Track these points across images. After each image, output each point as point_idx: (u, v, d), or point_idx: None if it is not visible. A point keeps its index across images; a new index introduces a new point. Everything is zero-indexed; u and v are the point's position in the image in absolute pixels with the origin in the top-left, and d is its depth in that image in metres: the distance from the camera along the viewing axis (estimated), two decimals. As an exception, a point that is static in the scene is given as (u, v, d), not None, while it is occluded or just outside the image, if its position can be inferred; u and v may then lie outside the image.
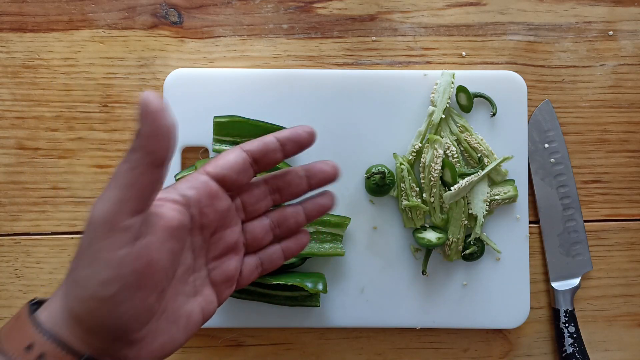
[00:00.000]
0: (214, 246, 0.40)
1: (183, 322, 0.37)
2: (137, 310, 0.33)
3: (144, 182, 0.32)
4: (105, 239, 0.31)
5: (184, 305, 0.37)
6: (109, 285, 0.31)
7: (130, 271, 0.32)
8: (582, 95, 0.58)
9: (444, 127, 0.55)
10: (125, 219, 0.32)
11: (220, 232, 0.40)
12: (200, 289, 0.39)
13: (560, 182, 0.57)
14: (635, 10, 0.58)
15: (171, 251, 0.35)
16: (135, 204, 0.32)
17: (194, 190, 0.37)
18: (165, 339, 0.36)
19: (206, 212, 0.38)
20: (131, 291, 0.32)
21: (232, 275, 0.41)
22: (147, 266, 0.33)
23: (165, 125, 0.31)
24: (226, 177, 0.39)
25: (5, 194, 0.56)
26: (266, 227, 0.43)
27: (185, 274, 0.38)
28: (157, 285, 0.34)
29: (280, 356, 0.57)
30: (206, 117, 0.55)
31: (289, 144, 0.41)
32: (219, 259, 0.40)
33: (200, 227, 0.38)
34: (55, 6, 0.57)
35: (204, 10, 0.57)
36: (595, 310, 0.58)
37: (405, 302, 0.55)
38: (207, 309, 0.39)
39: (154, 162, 0.32)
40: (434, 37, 0.58)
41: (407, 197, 0.54)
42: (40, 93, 0.57)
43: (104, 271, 0.31)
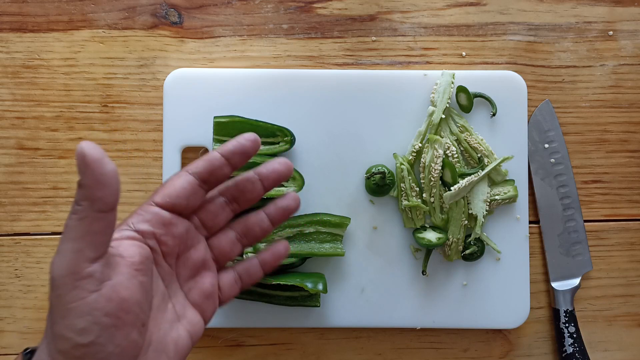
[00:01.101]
0: (183, 268, 0.40)
1: (172, 349, 0.37)
2: (122, 348, 0.33)
3: (95, 229, 0.32)
4: (72, 291, 0.32)
5: (169, 332, 0.38)
6: (86, 332, 0.32)
7: (104, 314, 0.32)
8: (582, 95, 0.58)
9: (444, 127, 0.55)
10: (86, 267, 0.32)
11: (185, 254, 0.40)
12: (182, 312, 0.39)
13: (560, 182, 0.57)
14: (635, 10, 0.58)
15: (140, 285, 0.35)
16: (91, 251, 0.32)
17: (146, 224, 0.38)
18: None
19: (164, 241, 0.38)
20: (110, 332, 0.33)
21: (209, 291, 0.41)
22: (120, 305, 0.33)
23: (105, 173, 0.32)
24: (176, 205, 0.39)
25: (5, 194, 0.56)
26: (232, 239, 0.43)
27: (162, 302, 0.38)
28: (136, 320, 0.34)
29: (280, 356, 0.57)
30: (206, 117, 0.55)
31: (234, 157, 0.40)
32: (192, 279, 0.41)
33: (163, 255, 0.38)
34: (55, 6, 0.57)
35: (204, 10, 0.57)
36: (595, 310, 0.58)
37: (405, 302, 0.55)
38: (194, 331, 0.39)
39: (101, 209, 0.32)
40: (434, 37, 0.58)
41: (407, 197, 0.54)
42: (40, 93, 0.57)
43: (78, 320, 0.32)
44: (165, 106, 0.55)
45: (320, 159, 0.55)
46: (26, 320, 0.56)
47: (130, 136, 0.57)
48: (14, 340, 0.56)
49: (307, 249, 0.53)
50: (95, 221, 0.32)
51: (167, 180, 0.40)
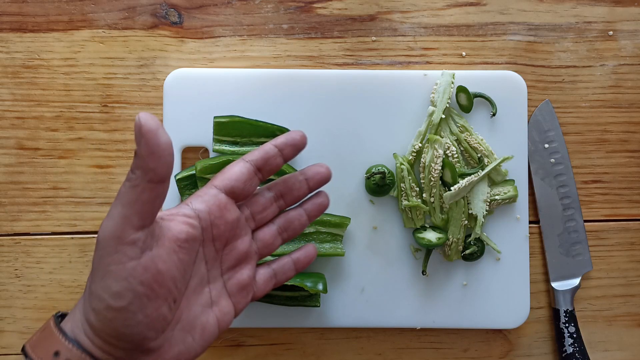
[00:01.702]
0: (227, 257, 0.41)
1: (198, 332, 0.38)
2: (151, 319, 0.34)
3: (145, 198, 0.33)
4: (113, 254, 0.33)
5: (200, 315, 0.39)
6: (120, 296, 0.33)
7: (139, 282, 0.34)
8: (582, 95, 0.58)
9: (444, 127, 0.55)
10: (131, 234, 0.33)
11: (233, 243, 0.41)
12: (217, 299, 0.40)
13: (560, 182, 0.57)
14: (635, 10, 0.58)
15: (180, 262, 0.36)
16: (139, 219, 0.34)
17: (204, 204, 0.39)
18: (181, 349, 0.37)
19: (217, 224, 0.39)
20: (143, 301, 0.34)
21: (246, 284, 0.42)
22: (156, 277, 0.34)
23: (161, 144, 0.33)
24: (234, 188, 0.41)
25: (5, 194, 0.56)
26: (274, 233, 0.45)
27: (199, 285, 0.39)
28: (168, 295, 0.35)
29: (280, 356, 0.57)
30: (206, 117, 0.55)
31: (287, 149, 0.43)
32: (233, 269, 0.42)
33: (212, 239, 0.40)
34: (55, 6, 0.57)
35: (204, 10, 0.57)
36: (595, 310, 0.58)
37: (405, 302, 0.55)
38: (223, 320, 0.40)
39: (153, 179, 0.33)
40: (434, 37, 0.58)
41: (407, 197, 0.54)
42: (40, 93, 0.57)
43: (115, 284, 0.33)
44: (165, 106, 0.55)
45: (320, 159, 0.55)
46: (26, 320, 0.56)
47: (130, 136, 0.57)
48: (14, 340, 0.56)
49: (307, 249, 0.53)
50: (146, 190, 0.33)
51: (225, 167, 0.42)
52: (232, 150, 0.53)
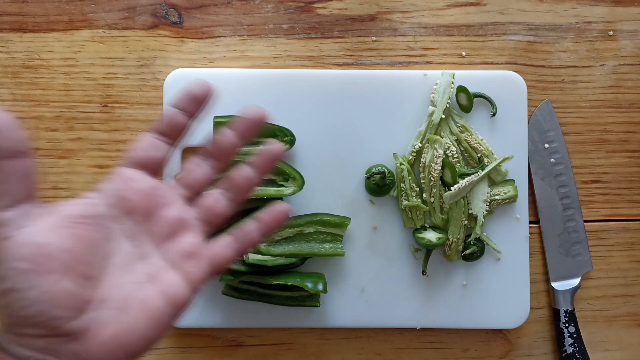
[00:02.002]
0: (157, 228, 0.39)
1: (137, 309, 0.36)
2: (51, 295, 0.33)
3: (0, 177, 0.34)
4: None
5: (136, 292, 0.37)
6: (3, 279, 0.33)
7: (17, 259, 0.33)
8: (582, 95, 0.58)
9: (444, 127, 0.55)
10: (1, 214, 0.33)
11: (158, 213, 0.39)
12: (158, 273, 0.38)
13: (560, 182, 0.57)
14: (635, 10, 0.58)
15: (80, 237, 0.35)
16: (3, 199, 0.34)
17: (106, 182, 0.38)
18: (116, 329, 0.35)
19: (126, 196, 0.38)
20: (29, 277, 0.33)
21: (191, 252, 0.39)
22: (37, 250, 0.33)
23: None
24: (135, 159, 0.39)
25: (5, 194, 0.56)
26: (216, 195, 0.41)
27: (128, 262, 0.37)
28: (67, 269, 0.34)
29: (280, 356, 0.57)
30: (206, 117, 0.54)
31: (185, 102, 0.41)
32: (170, 240, 0.39)
33: (127, 213, 0.38)
34: (55, 6, 0.57)
35: (204, 10, 0.57)
36: (595, 310, 0.58)
37: (405, 302, 0.55)
38: (172, 293, 0.37)
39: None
40: (434, 37, 0.58)
41: (407, 197, 0.54)
42: (40, 93, 0.57)
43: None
44: (165, 106, 0.55)
45: (320, 159, 0.55)
46: (26, 320, 0.56)
47: (130, 136, 0.57)
48: (14, 340, 0.56)
49: (307, 249, 0.53)
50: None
51: None
52: (232, 150, 0.53)
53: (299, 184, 0.53)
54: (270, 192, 0.52)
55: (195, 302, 0.54)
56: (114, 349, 0.35)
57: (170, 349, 0.56)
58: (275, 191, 0.52)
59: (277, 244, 0.53)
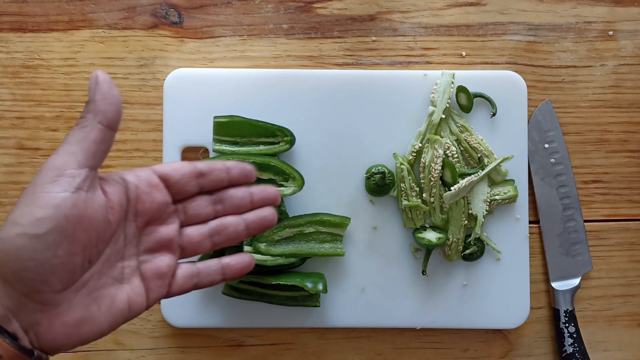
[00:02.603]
0: (147, 238, 0.41)
1: (105, 304, 0.38)
2: (59, 262, 0.34)
3: (93, 138, 0.36)
4: (49, 184, 0.34)
5: (109, 287, 0.38)
6: (41, 223, 0.33)
7: (64, 216, 0.34)
8: (582, 95, 0.58)
9: (444, 127, 0.55)
10: (72, 167, 0.35)
11: (155, 226, 0.41)
12: (129, 277, 0.40)
13: (560, 182, 0.57)
14: (635, 10, 0.58)
15: (105, 221, 0.37)
16: (83, 156, 0.35)
17: (134, 177, 0.40)
18: (83, 315, 0.36)
19: (143, 199, 0.40)
20: (59, 238, 0.34)
21: (162, 272, 0.41)
22: (81, 219, 0.35)
23: (112, 92, 0.36)
24: (169, 176, 0.41)
25: (5, 194, 0.56)
26: (203, 233, 0.43)
27: (113, 257, 0.39)
28: (86, 248, 0.36)
29: (280, 356, 0.57)
30: (206, 117, 0.55)
31: (235, 170, 0.43)
32: (151, 253, 0.41)
33: (135, 213, 0.40)
34: (55, 6, 0.57)
35: (204, 10, 0.57)
36: (595, 310, 0.58)
37: (405, 302, 0.55)
38: (134, 300, 0.39)
39: (102, 121, 0.36)
40: (434, 37, 0.58)
41: (407, 197, 0.54)
42: (40, 93, 0.57)
43: (39, 210, 0.33)
44: (165, 106, 0.55)
45: (320, 159, 0.55)
46: (26, 320, 0.56)
47: (130, 136, 0.57)
48: (14, 340, 0.56)
49: (307, 249, 0.53)
50: (94, 131, 0.36)
51: None
52: (232, 150, 0.53)
53: (299, 184, 0.53)
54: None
55: (195, 302, 0.54)
56: (71, 332, 0.36)
57: (170, 349, 0.56)
58: (275, 191, 0.52)
59: (277, 244, 0.53)
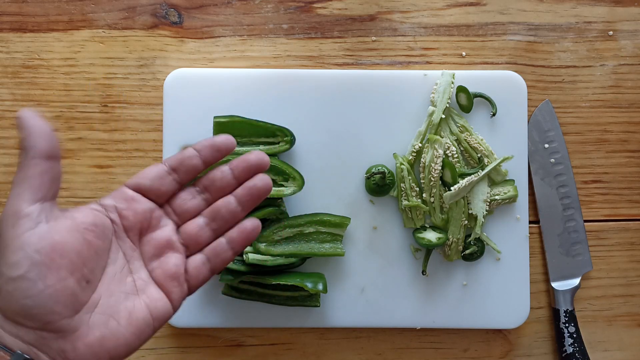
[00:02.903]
0: (147, 247, 0.42)
1: (124, 317, 0.39)
2: (55, 290, 0.35)
3: (31, 174, 0.37)
4: (11, 229, 0.36)
5: (124, 301, 0.39)
6: (17, 265, 0.35)
7: (34, 250, 0.35)
8: (582, 95, 0.58)
9: (444, 127, 0.55)
10: (25, 207, 0.36)
11: (149, 234, 0.42)
12: (144, 288, 0.41)
13: (560, 182, 0.57)
14: (635, 10, 0.58)
15: (88, 243, 0.38)
16: (29, 193, 0.37)
17: (110, 199, 0.41)
18: (104, 333, 0.37)
19: (125, 215, 0.41)
20: (41, 270, 0.35)
21: (173, 272, 0.42)
22: (53, 246, 0.36)
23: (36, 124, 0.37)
24: (140, 185, 0.42)
25: (6, 194, 0.56)
26: (200, 224, 0.43)
27: (120, 274, 0.40)
28: (75, 269, 0.37)
29: (280, 356, 0.57)
30: (206, 117, 0.55)
31: (205, 150, 0.42)
32: (157, 259, 0.42)
33: (125, 230, 0.41)
34: (55, 6, 0.57)
35: (204, 10, 0.57)
36: (595, 310, 0.58)
37: (405, 302, 0.55)
38: (155, 307, 0.40)
39: (35, 155, 0.37)
40: (434, 37, 0.58)
41: (407, 197, 0.54)
42: (40, 93, 0.57)
43: (11, 255, 0.35)
44: (165, 106, 0.55)
45: (320, 159, 0.55)
46: (26, 320, 0.56)
47: (130, 136, 0.57)
48: (14, 340, 0.56)
49: (307, 249, 0.53)
50: (31, 167, 0.37)
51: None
52: (232, 150, 0.53)
53: (299, 184, 0.53)
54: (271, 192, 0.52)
55: (195, 302, 0.54)
56: (98, 351, 0.37)
57: (170, 349, 0.56)
58: (275, 191, 0.52)
59: (277, 244, 0.53)
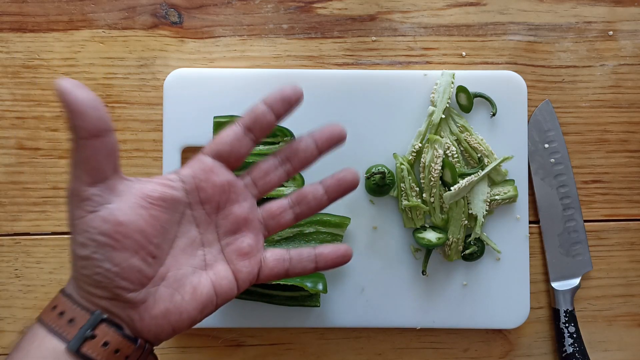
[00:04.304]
0: (224, 221, 0.41)
1: (189, 292, 0.39)
2: (121, 269, 0.36)
3: (85, 156, 0.35)
4: (75, 210, 0.36)
5: (191, 276, 0.39)
6: (84, 246, 0.36)
7: (99, 232, 0.36)
8: (582, 95, 0.58)
9: (444, 127, 0.55)
10: (84, 190, 0.36)
11: (228, 208, 0.41)
12: (213, 263, 0.41)
13: (560, 182, 0.57)
14: (635, 10, 0.58)
15: (154, 219, 0.38)
16: (87, 176, 0.36)
17: (188, 169, 0.40)
18: (168, 306, 0.38)
19: (203, 187, 0.40)
20: (106, 250, 0.36)
21: (247, 252, 0.41)
22: (117, 228, 0.36)
23: (79, 100, 0.34)
24: (220, 151, 0.41)
25: (5, 194, 0.57)
26: (284, 205, 0.43)
27: (191, 246, 0.40)
28: (139, 248, 0.37)
29: (280, 356, 0.57)
30: (206, 117, 0.55)
31: (276, 104, 0.41)
32: (232, 235, 0.41)
33: (200, 202, 0.40)
34: (55, 6, 0.57)
35: (204, 10, 0.57)
36: (595, 310, 0.58)
37: (405, 302, 0.55)
38: (220, 285, 0.40)
39: (84, 136, 0.35)
40: (434, 37, 0.58)
41: (407, 197, 0.54)
42: (40, 93, 0.57)
43: (78, 236, 0.36)
44: (165, 106, 0.55)
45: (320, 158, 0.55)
46: (26, 320, 0.56)
47: (130, 136, 0.57)
48: (14, 340, 0.56)
49: (307, 249, 0.53)
50: (83, 149, 0.35)
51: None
52: (232, 150, 0.53)
53: (298, 184, 0.53)
54: (271, 193, 0.52)
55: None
56: (162, 323, 0.38)
57: (170, 349, 0.56)
58: (275, 191, 0.52)
59: (277, 244, 0.53)
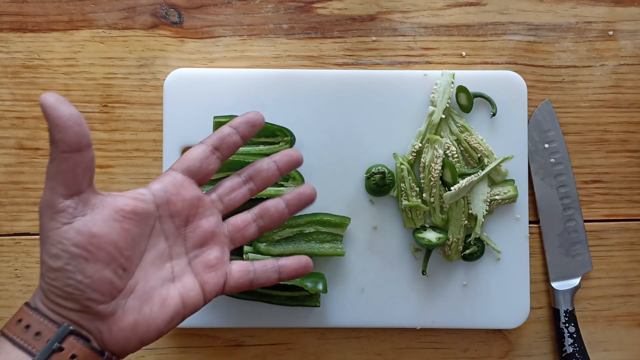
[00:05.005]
0: (191, 235, 0.43)
1: (157, 304, 0.40)
2: (92, 281, 0.37)
3: (64, 168, 0.36)
4: (49, 222, 0.37)
5: (159, 288, 0.40)
6: (57, 257, 0.36)
7: (73, 244, 0.36)
8: (582, 95, 0.58)
9: (444, 127, 0.55)
10: (60, 202, 0.37)
11: (196, 222, 0.43)
12: (180, 275, 0.42)
13: (560, 182, 0.57)
14: (635, 10, 0.58)
15: (125, 232, 0.38)
16: (64, 188, 0.37)
17: (160, 183, 0.42)
18: (137, 318, 0.39)
19: (173, 201, 0.42)
20: (79, 262, 0.36)
21: (212, 264, 0.43)
22: (90, 240, 0.37)
23: (62, 116, 0.35)
24: (190, 167, 0.43)
25: (5, 194, 0.56)
26: (247, 219, 0.46)
27: (159, 259, 0.41)
28: (111, 260, 0.38)
29: (280, 356, 0.57)
30: (206, 117, 0.55)
31: (241, 126, 0.45)
32: (200, 248, 0.43)
33: (170, 215, 0.42)
34: (55, 6, 0.57)
35: (204, 10, 0.57)
36: (595, 310, 0.58)
37: (405, 302, 0.55)
38: (188, 296, 0.41)
39: (64, 149, 0.36)
40: (434, 37, 0.58)
41: (407, 197, 0.54)
42: (40, 93, 0.57)
43: (51, 247, 0.37)
44: (165, 106, 0.55)
45: (320, 159, 0.55)
46: (26, 320, 0.56)
47: (130, 136, 0.57)
48: (14, 340, 0.56)
49: (307, 249, 0.53)
50: (62, 161, 0.36)
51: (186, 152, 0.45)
52: (232, 150, 0.53)
53: (298, 184, 0.53)
54: (270, 192, 0.52)
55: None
56: (130, 335, 0.39)
57: (170, 349, 0.56)
58: (275, 191, 0.52)
59: (277, 244, 0.53)
